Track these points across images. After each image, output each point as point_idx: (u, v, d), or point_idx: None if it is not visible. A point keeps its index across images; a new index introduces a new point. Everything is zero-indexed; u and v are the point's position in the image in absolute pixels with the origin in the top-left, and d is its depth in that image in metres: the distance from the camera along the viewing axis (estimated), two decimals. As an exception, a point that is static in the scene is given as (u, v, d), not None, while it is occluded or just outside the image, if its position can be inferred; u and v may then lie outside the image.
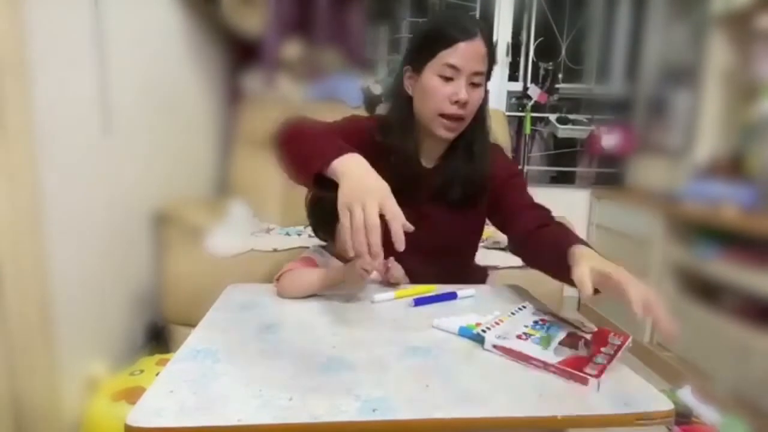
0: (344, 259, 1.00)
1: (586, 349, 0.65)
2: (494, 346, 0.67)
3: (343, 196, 0.68)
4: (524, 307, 0.80)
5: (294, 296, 0.88)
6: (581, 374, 0.58)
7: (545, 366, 0.61)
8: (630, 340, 0.69)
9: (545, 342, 0.66)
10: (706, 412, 1.35)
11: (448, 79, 0.92)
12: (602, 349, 0.65)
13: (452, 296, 0.90)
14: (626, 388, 0.59)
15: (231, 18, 1.97)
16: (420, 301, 0.87)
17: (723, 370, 1.51)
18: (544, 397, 0.56)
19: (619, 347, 0.66)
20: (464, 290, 0.92)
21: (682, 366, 1.69)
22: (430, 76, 0.93)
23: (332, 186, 0.73)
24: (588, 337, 0.68)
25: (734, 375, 1.46)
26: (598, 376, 0.57)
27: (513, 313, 0.76)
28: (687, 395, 1.41)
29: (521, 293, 0.97)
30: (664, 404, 0.56)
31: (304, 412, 0.52)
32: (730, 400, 1.41)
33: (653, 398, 0.57)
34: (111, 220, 1.42)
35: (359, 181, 0.70)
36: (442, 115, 0.94)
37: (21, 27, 1.05)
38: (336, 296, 0.89)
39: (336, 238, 0.99)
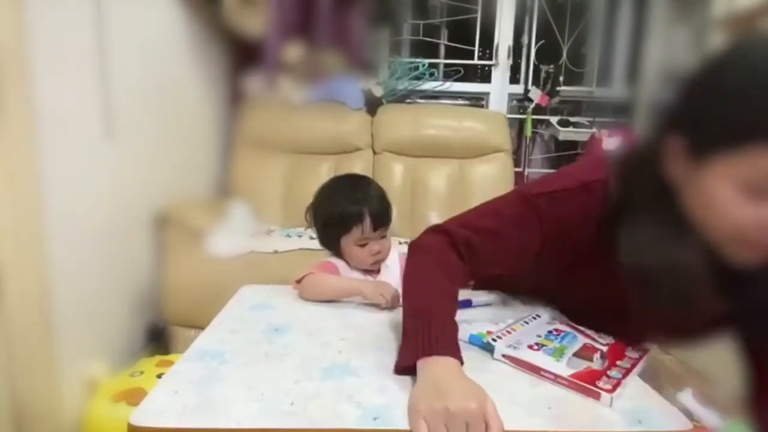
0: (364, 271, 1.00)
1: (602, 361, 0.63)
2: (504, 356, 0.64)
3: (420, 405, 0.51)
4: (539, 315, 0.77)
5: (314, 299, 0.89)
6: (594, 388, 0.55)
7: (556, 378, 0.59)
8: (649, 354, 0.65)
9: (558, 353, 0.63)
10: (707, 416, 1.35)
11: (759, 195, 0.50)
12: (618, 363, 0.62)
13: (467, 304, 0.86)
14: (641, 403, 0.56)
15: (232, 19, 1.97)
16: None
17: (724, 373, 1.50)
18: (554, 410, 0.54)
19: (637, 361, 0.63)
20: (479, 297, 0.88)
21: (682, 369, 1.69)
22: (724, 184, 0.51)
23: None
24: (604, 349, 0.65)
25: (736, 378, 1.45)
26: (611, 391, 0.55)
27: (526, 322, 0.74)
28: (688, 399, 1.41)
29: (536, 301, 0.93)
30: (682, 423, 0.53)
31: (304, 417, 0.52)
32: (731, 403, 1.40)
33: (670, 416, 0.54)
34: (112, 221, 1.42)
35: (448, 390, 0.51)
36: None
37: (22, 28, 1.06)
38: (348, 300, 0.89)
39: (341, 252, 0.99)
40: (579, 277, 0.71)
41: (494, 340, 0.67)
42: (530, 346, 0.66)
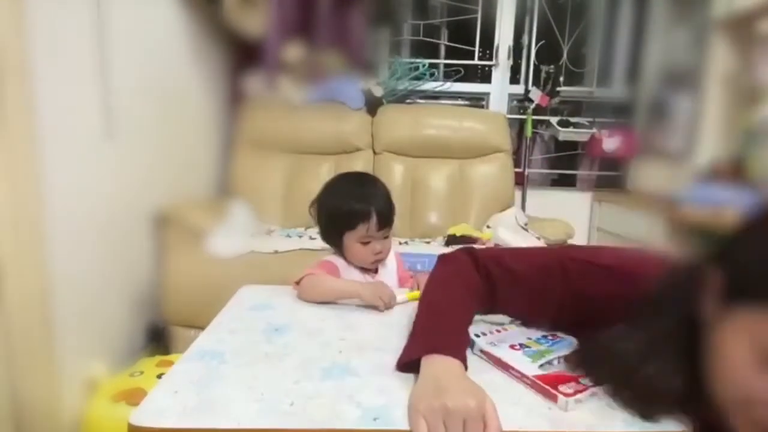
0: (362, 269, 1.00)
1: None
2: (482, 351, 0.66)
3: (420, 403, 0.51)
4: None
5: (313, 300, 0.89)
6: (552, 391, 0.56)
7: (522, 377, 0.60)
8: None
9: (538, 356, 0.64)
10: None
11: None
12: None
13: None
14: None
15: (232, 19, 1.97)
16: None
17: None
18: (554, 411, 0.54)
19: None
20: None
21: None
22: (742, 341, 0.46)
23: None
24: None
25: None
26: (570, 395, 0.55)
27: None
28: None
29: None
30: (684, 424, 0.53)
31: (304, 417, 0.52)
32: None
33: (672, 417, 0.54)
34: (112, 221, 1.43)
35: (447, 388, 0.51)
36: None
37: (23, 28, 1.06)
38: (347, 300, 0.89)
39: (343, 248, 0.99)
40: None
41: (477, 336, 0.69)
42: (512, 346, 0.67)
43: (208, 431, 0.50)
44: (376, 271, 1.02)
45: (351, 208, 0.95)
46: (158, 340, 1.61)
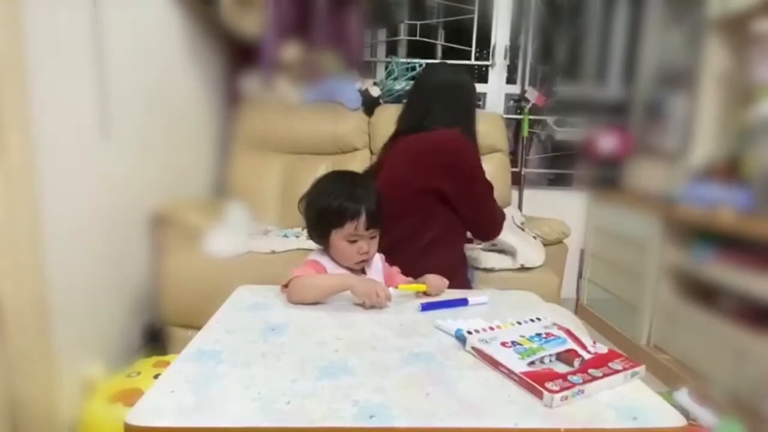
0: (349, 269, 1.00)
1: (578, 366, 0.63)
2: (473, 348, 0.67)
3: None
4: (539, 319, 0.78)
5: (304, 302, 0.88)
6: (538, 387, 0.57)
7: (510, 373, 0.61)
8: (641, 368, 0.64)
9: (528, 353, 0.65)
10: (703, 415, 1.36)
11: None
12: (590, 371, 0.61)
13: (463, 302, 0.89)
14: (638, 403, 0.57)
15: (230, 20, 1.97)
16: (428, 307, 0.87)
17: (720, 372, 1.51)
18: (549, 408, 0.55)
19: (615, 372, 0.62)
20: (476, 297, 0.91)
21: (679, 368, 1.69)
22: None
23: None
24: (586, 356, 0.66)
25: (731, 377, 1.46)
26: (556, 392, 0.56)
27: (519, 323, 0.75)
28: (684, 397, 1.41)
29: (550, 308, 0.93)
30: (675, 420, 0.54)
31: (301, 416, 0.52)
32: (727, 402, 1.41)
33: (664, 414, 0.55)
34: (109, 221, 1.42)
35: None
36: None
37: (19, 29, 1.05)
38: (344, 298, 0.89)
39: (329, 246, 0.99)
40: None
41: (469, 333, 0.70)
42: (503, 343, 0.67)
43: (204, 430, 0.51)
44: (363, 271, 1.01)
45: (340, 206, 0.94)
46: (155, 340, 1.60)
